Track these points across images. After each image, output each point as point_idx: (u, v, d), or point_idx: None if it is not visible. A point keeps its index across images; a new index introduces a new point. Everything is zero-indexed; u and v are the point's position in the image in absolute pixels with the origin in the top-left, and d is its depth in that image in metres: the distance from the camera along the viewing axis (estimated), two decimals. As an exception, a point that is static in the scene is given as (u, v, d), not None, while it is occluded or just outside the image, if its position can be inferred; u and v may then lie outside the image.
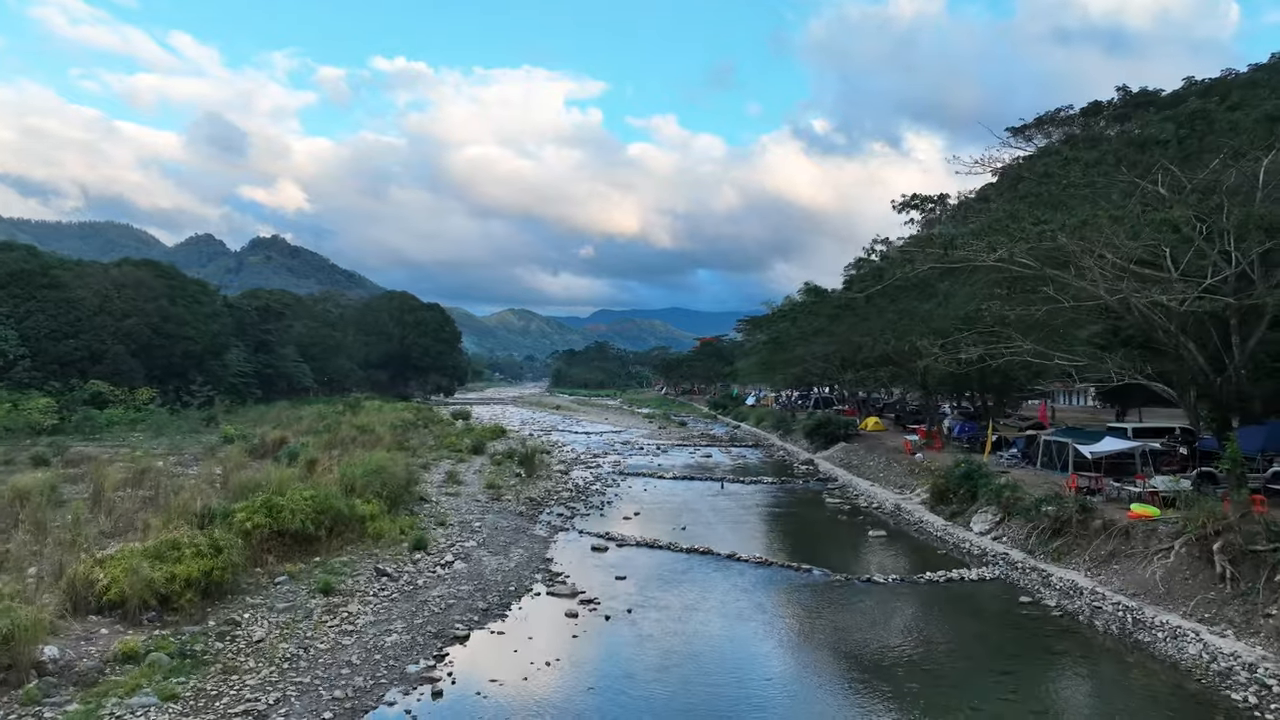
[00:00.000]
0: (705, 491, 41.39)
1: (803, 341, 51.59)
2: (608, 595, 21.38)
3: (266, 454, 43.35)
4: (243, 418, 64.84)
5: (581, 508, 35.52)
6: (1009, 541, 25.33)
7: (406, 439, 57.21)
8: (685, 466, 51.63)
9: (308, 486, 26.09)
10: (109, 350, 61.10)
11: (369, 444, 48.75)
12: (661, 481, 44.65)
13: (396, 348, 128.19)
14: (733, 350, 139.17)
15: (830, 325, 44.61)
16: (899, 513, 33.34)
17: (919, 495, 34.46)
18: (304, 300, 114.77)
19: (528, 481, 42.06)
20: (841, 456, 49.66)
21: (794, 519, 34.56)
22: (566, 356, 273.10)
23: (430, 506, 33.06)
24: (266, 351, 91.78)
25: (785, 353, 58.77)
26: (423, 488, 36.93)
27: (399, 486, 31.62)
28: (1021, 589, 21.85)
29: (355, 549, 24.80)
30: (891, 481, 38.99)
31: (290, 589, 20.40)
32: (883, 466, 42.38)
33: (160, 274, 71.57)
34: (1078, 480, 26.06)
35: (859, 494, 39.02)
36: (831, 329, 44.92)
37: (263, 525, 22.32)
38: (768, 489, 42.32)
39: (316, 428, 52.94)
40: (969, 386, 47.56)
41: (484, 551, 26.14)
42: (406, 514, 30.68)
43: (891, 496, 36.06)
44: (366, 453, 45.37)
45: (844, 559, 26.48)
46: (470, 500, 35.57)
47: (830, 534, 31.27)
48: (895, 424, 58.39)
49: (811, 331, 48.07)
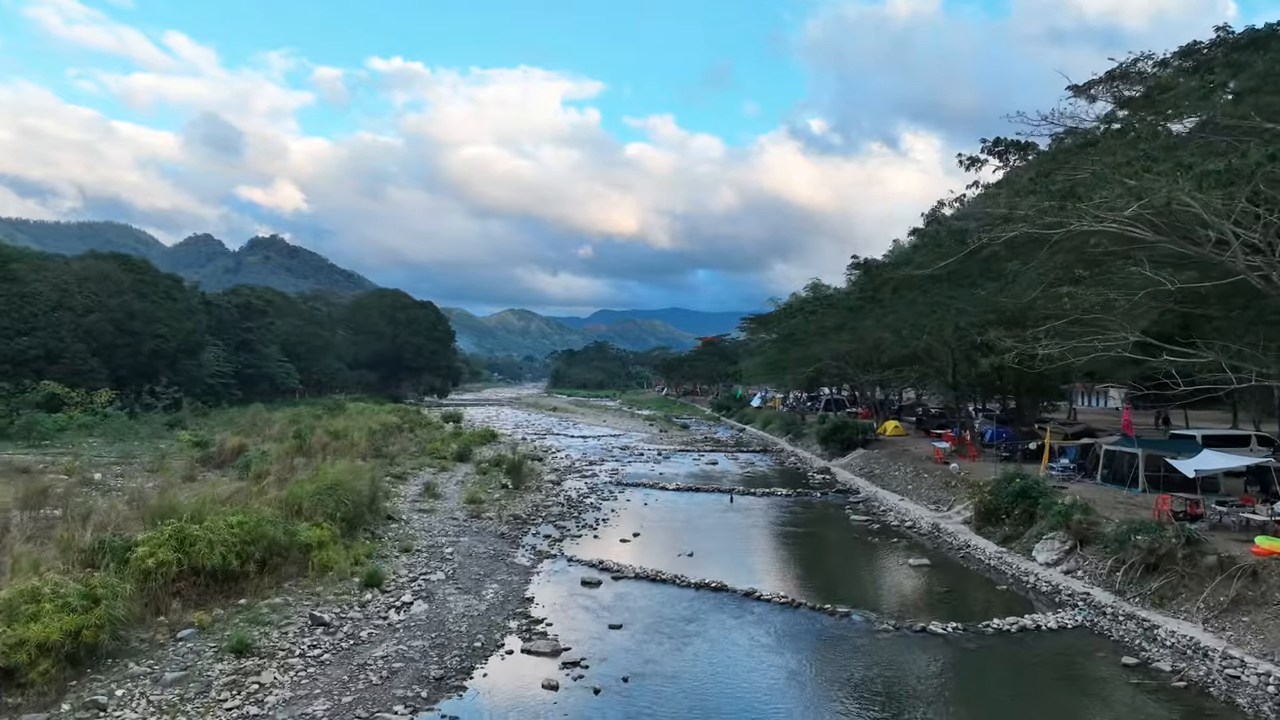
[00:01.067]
0: (713, 506, 36.96)
1: (819, 338, 47.06)
2: (598, 653, 16.96)
3: (224, 462, 39.07)
4: (212, 421, 60.41)
5: (573, 526, 31.09)
6: (1086, 577, 20.89)
7: (386, 445, 52.86)
8: (689, 475, 47.18)
9: (238, 509, 21.66)
10: (67, 348, 56.69)
11: (341, 451, 44.40)
12: (664, 494, 40.21)
13: (388, 347, 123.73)
14: (735, 350, 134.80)
15: (852, 319, 40.12)
16: (939, 534, 28.88)
17: (960, 513, 30.03)
18: (290, 298, 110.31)
19: (514, 494, 37.63)
20: (861, 465, 45.21)
21: (816, 541, 30.12)
22: (565, 357, 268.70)
23: (398, 528, 28.64)
24: (248, 351, 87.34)
25: (799, 350, 54.35)
26: (393, 504, 32.56)
27: (359, 505, 27.24)
28: (1119, 644, 17.42)
29: (294, 586, 20.39)
30: (924, 495, 34.54)
31: (193, 647, 15.99)
32: (911, 477, 37.92)
33: (128, 267, 67.14)
34: (1170, 502, 21.59)
35: (886, 509, 34.58)
36: (855, 323, 40.39)
37: (169, 562, 17.89)
38: (782, 502, 37.89)
39: (286, 433, 48.49)
40: (1002, 388, 43.13)
41: (452, 587, 21.71)
42: (367, 538, 26.29)
43: (927, 514, 31.62)
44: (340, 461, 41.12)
45: (884, 596, 22.05)
46: (446, 518, 31.16)
47: (862, 561, 26.83)
48: (916, 428, 53.98)
49: (832, 326, 43.53)
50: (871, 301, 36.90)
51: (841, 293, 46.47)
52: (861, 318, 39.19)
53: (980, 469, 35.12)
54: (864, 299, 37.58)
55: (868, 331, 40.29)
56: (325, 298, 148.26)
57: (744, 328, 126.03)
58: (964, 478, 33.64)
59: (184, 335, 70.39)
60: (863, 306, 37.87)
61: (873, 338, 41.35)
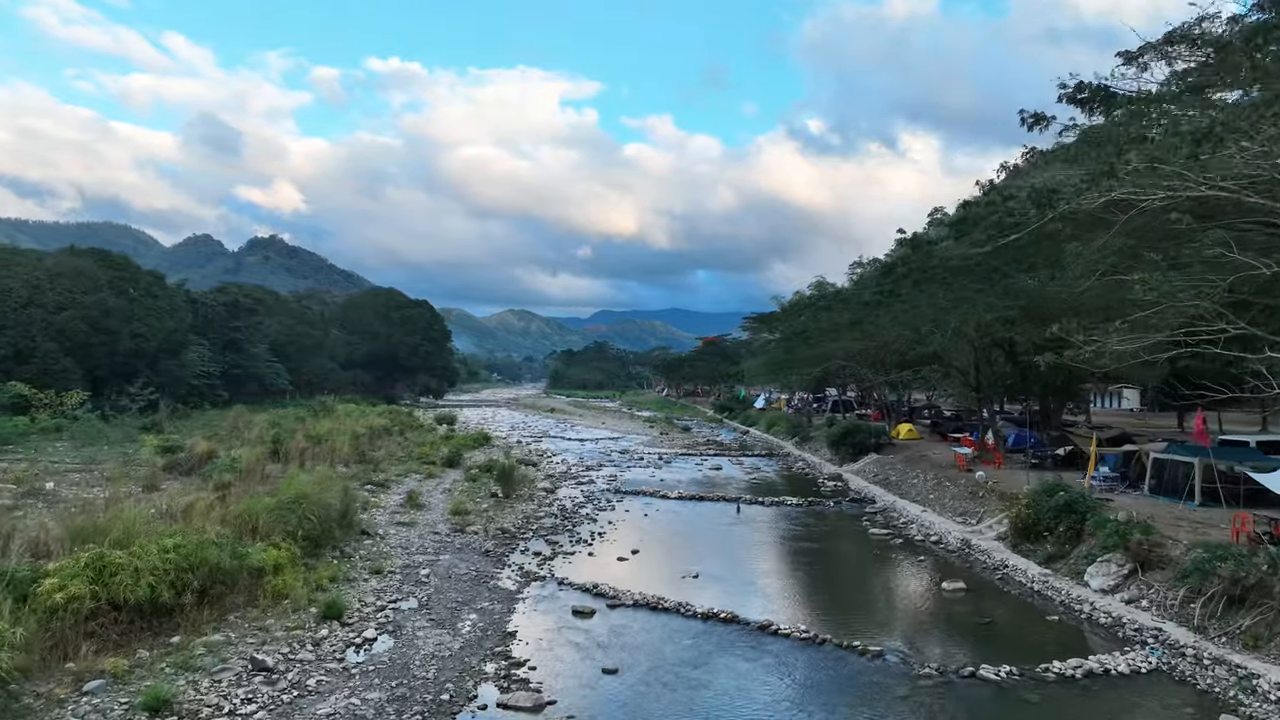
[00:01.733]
0: (718, 517, 34.20)
1: (831, 336, 44.20)
2: (589, 708, 14.21)
3: (192, 469, 36.30)
4: (191, 424, 57.68)
5: (566, 542, 28.30)
6: (1154, 608, 18.12)
7: (372, 449, 50.17)
8: (692, 482, 44.40)
9: (177, 529, 18.91)
10: (38, 348, 53.95)
11: (321, 457, 41.72)
12: (665, 503, 37.44)
13: (383, 347, 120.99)
14: (737, 349, 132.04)
15: (869, 316, 37.30)
16: (970, 552, 26.10)
17: (992, 528, 27.25)
18: (281, 297, 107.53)
19: (504, 504, 34.88)
20: (875, 471, 42.42)
21: (833, 558, 27.35)
22: (565, 357, 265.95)
23: (372, 544, 25.89)
24: (235, 350, 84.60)
25: (807, 349, 51.55)
26: (369, 516, 29.82)
27: (328, 520, 24.49)
28: (1209, 696, 14.66)
29: (240, 620, 17.64)
30: (948, 507, 31.75)
31: (99, 704, 13.25)
32: (932, 486, 35.14)
33: (105, 263, 64.40)
34: (1251, 523, 18.80)
35: (907, 521, 31.81)
36: (871, 319, 37.52)
37: (81, 596, 15.14)
38: (792, 513, 35.14)
39: (265, 436, 45.73)
40: (1025, 389, 40.35)
41: (424, 618, 18.95)
42: (335, 558, 23.56)
43: (954, 528, 28.84)
44: (318, 468, 38.42)
45: (919, 629, 19.28)
46: (427, 533, 28.41)
47: (887, 584, 24.06)
48: (931, 432, 51.24)
49: (846, 323, 40.65)
50: (889, 296, 34.14)
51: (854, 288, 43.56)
52: (878, 314, 36.38)
53: (1008, 477, 32.37)
54: (880, 293, 34.83)
55: (884, 329, 37.51)
56: (319, 297, 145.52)
57: (746, 327, 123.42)
58: (992, 487, 30.87)
59: (165, 334, 67.66)
60: (880, 301, 35.10)
61: (889, 335, 38.58)
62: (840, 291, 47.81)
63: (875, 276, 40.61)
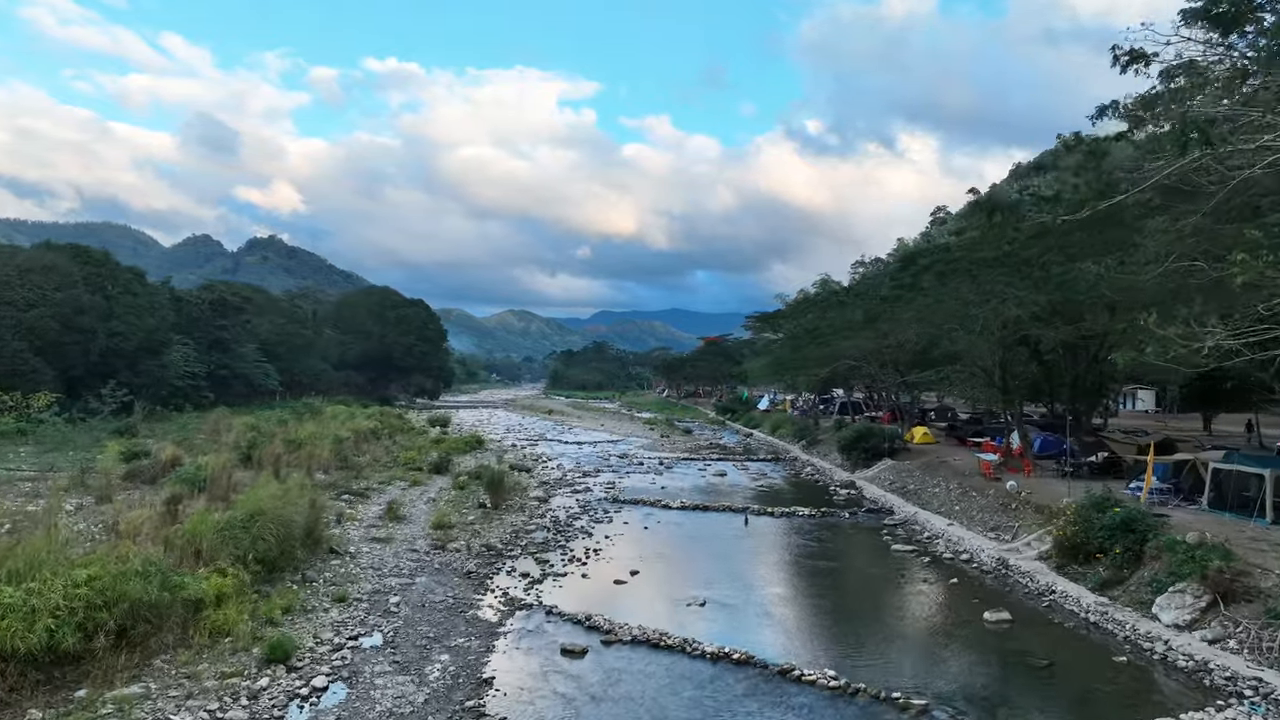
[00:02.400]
0: (724, 529, 31.45)
1: (845, 334, 41.30)
2: (576, 788, 11.46)
3: (156, 477, 33.59)
4: (168, 427, 55.00)
5: (557, 560, 25.55)
6: (1246, 652, 15.39)
7: (357, 453, 47.48)
8: (695, 490, 41.66)
9: (95, 557, 16.18)
10: (6, 346, 51.19)
11: (299, 462, 39.03)
12: (667, 514, 34.71)
13: (377, 347, 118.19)
14: (740, 349, 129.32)
15: (887, 310, 34.48)
16: (1008, 574, 23.35)
17: (1031, 546, 24.50)
18: (271, 295, 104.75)
19: (491, 516, 32.14)
20: (892, 478, 39.68)
21: (856, 580, 24.57)
22: (564, 357, 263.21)
23: (340, 565, 23.17)
24: (221, 350, 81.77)
25: (817, 348, 48.81)
26: (342, 531, 27.13)
27: (289, 539, 21.80)
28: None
29: (167, 665, 14.95)
30: (977, 520, 29.00)
31: (-42, 791, 10.50)
32: (957, 496, 32.40)
33: (81, 258, 61.65)
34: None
35: (932, 536, 29.07)
36: (892, 315, 34.68)
37: (-44, 646, 12.44)
38: (805, 525, 32.41)
39: (243, 440, 42.99)
40: (1054, 389, 37.61)
41: (387, 660, 16.22)
42: (295, 583, 20.84)
43: (986, 544, 26.09)
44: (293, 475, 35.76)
45: (966, 674, 16.51)
46: (404, 550, 25.69)
47: (921, 614, 21.30)
48: (947, 435, 48.49)
49: (863, 320, 37.77)
50: (909, 290, 31.40)
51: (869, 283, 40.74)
52: (896, 309, 33.57)
53: (1041, 487, 29.65)
54: (900, 287, 32.08)
55: (903, 325, 34.75)
56: (313, 296, 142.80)
57: (749, 326, 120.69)
58: (1026, 499, 28.12)
59: (145, 333, 64.88)
60: (899, 296, 32.34)
61: (907, 333, 35.83)
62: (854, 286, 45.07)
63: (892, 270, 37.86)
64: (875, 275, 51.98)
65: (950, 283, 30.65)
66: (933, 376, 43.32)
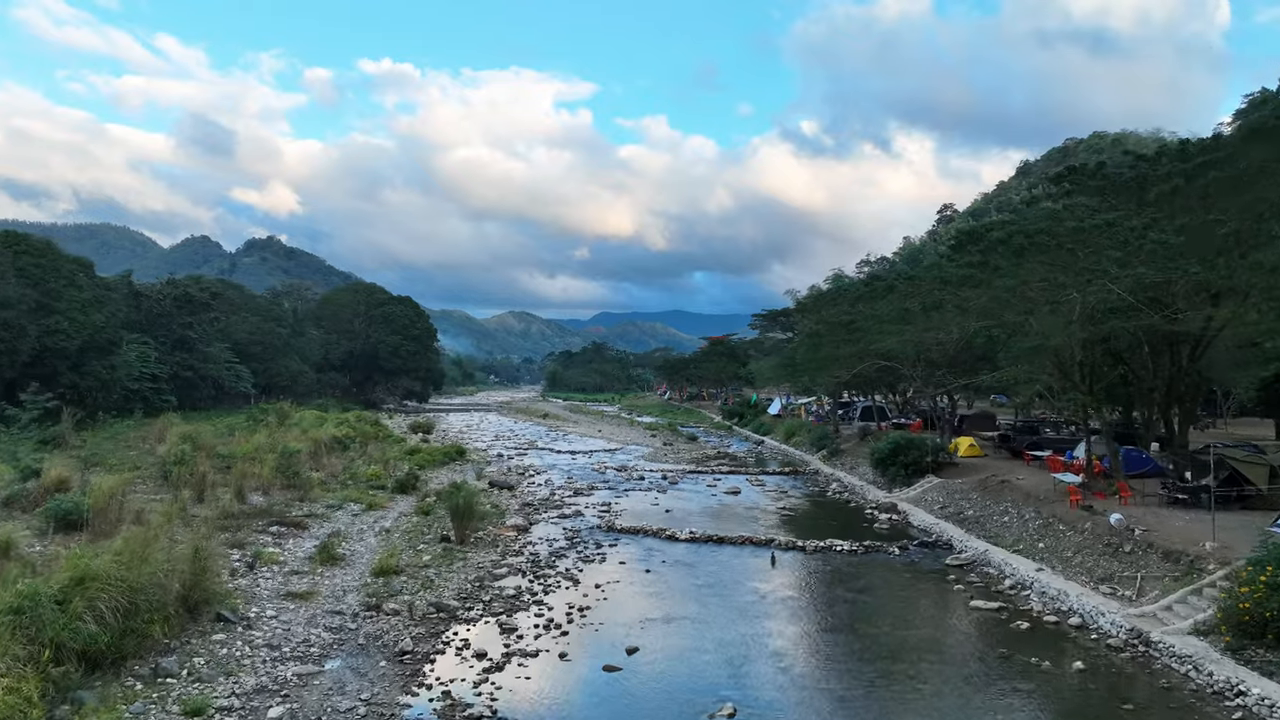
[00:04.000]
0: (746, 572, 24.93)
1: (893, 327, 34.46)
2: None
3: (36, 504, 27.04)
4: (103, 435, 48.48)
5: (529, 625, 19.05)
6: None
7: (316, 467, 41.01)
8: (705, 514, 35.19)
9: None
10: (-83, 345, 44.77)
11: (233, 482, 32.60)
12: (673, 548, 28.21)
13: (361, 347, 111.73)
14: (745, 349, 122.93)
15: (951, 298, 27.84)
16: (1152, 655, 16.82)
17: (1174, 610, 17.96)
18: (246, 291, 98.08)
19: (454, 555, 25.64)
20: (942, 501, 33.16)
21: (935, 662, 17.92)
22: (562, 358, 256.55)
23: (222, 643, 16.65)
24: (186, 350, 75.32)
25: (849, 346, 42.35)
26: (250, 583, 20.70)
27: (140, 612, 15.32)
28: None
29: None
30: (1075, 565, 22.44)
31: None
32: (1038, 530, 25.86)
33: (14, 246, 55.16)
34: None
35: (1017, 585, 22.55)
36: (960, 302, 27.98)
37: None
38: (847, 564, 25.95)
39: (174, 454, 36.51)
40: (1141, 393, 31.08)
41: None
42: (138, 680, 14.37)
43: (1101, 603, 19.55)
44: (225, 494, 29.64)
45: None
46: (325, 612, 19.22)
47: None
48: (998, 447, 41.98)
49: (922, 308, 30.88)
50: (984, 270, 24.94)
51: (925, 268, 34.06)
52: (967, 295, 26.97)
53: (1154, 521, 23.14)
54: (971, 266, 25.59)
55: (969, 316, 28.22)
56: (298, 293, 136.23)
57: (756, 325, 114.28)
58: (1143, 539, 21.59)
59: (91, 329, 58.41)
60: (970, 278, 25.82)
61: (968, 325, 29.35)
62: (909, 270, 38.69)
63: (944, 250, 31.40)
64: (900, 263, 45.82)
65: (1028, 261, 24.16)
66: (989, 379, 36.68)
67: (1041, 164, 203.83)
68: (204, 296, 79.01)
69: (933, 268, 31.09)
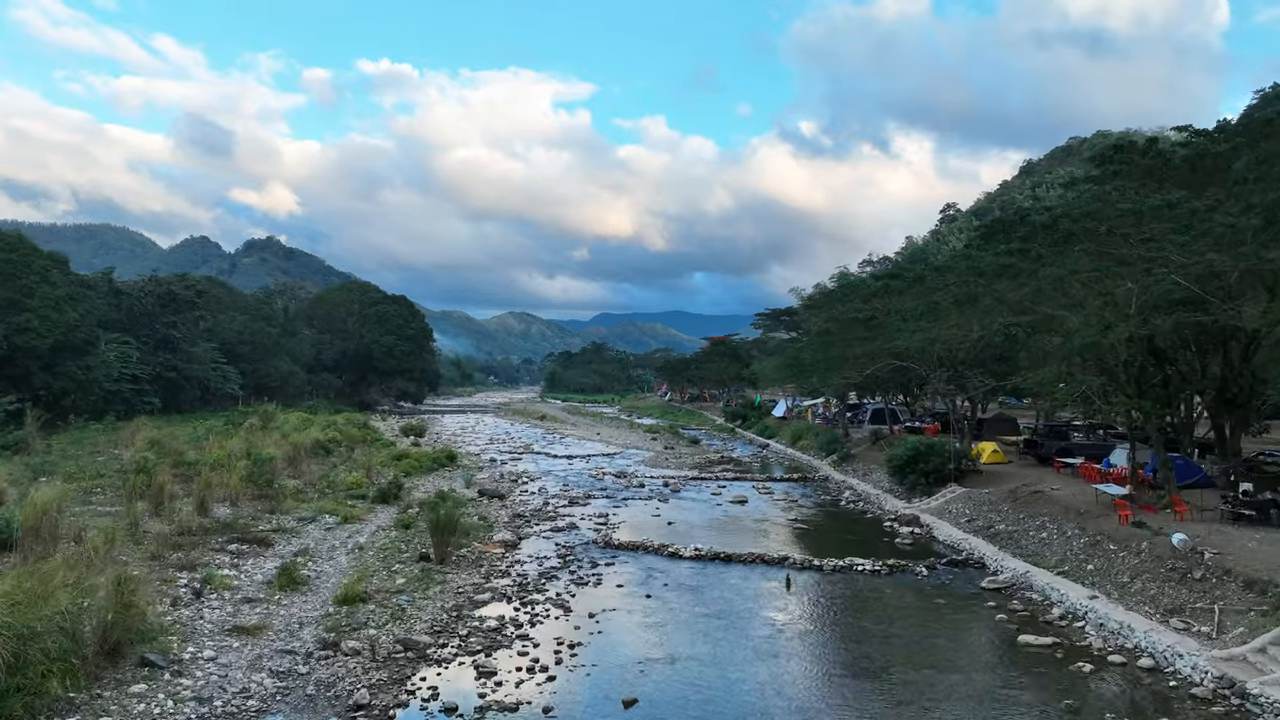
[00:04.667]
0: (758, 597, 22.24)
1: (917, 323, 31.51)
2: None
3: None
4: (70, 439, 45.86)
5: (509, 670, 16.36)
6: None
7: (294, 473, 38.45)
8: (711, 526, 32.53)
9: None
10: None
11: (193, 492, 29.96)
12: (676, 567, 25.51)
13: (355, 347, 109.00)
14: (748, 349, 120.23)
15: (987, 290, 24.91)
16: (1250, 709, 14.15)
17: (1269, 654, 15.25)
18: (234, 290, 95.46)
19: (432, 577, 22.95)
20: (968, 513, 30.47)
21: (986, 710, 15.23)
22: (562, 359, 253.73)
23: (141, 696, 13.98)
24: (170, 350, 72.67)
25: (863, 345, 39.60)
26: (191, 615, 18.06)
27: (35, 663, 12.66)
28: None
29: None
30: (1134, 592, 19.73)
31: None
32: (1084, 549, 23.17)
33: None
34: None
35: (1068, 615, 19.85)
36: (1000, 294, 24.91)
37: None
38: (869, 586, 23.29)
39: (137, 461, 33.83)
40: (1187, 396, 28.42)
41: None
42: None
43: (1175, 641, 16.82)
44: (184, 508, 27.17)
45: None
46: (274, 651, 16.55)
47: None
48: (1022, 453, 39.31)
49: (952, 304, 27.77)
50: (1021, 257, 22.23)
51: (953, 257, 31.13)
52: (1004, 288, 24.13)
53: (1222, 541, 20.44)
54: (1011, 254, 22.84)
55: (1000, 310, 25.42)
56: (291, 292, 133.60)
57: (759, 325, 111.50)
58: (1214, 562, 18.91)
59: (65, 328, 55.78)
60: (1010, 268, 23.04)
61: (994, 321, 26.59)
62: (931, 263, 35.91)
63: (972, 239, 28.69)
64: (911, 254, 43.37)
65: (1075, 249, 21.47)
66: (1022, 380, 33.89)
67: (1045, 163, 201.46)
68: (189, 295, 76.35)
69: (963, 258, 28.17)
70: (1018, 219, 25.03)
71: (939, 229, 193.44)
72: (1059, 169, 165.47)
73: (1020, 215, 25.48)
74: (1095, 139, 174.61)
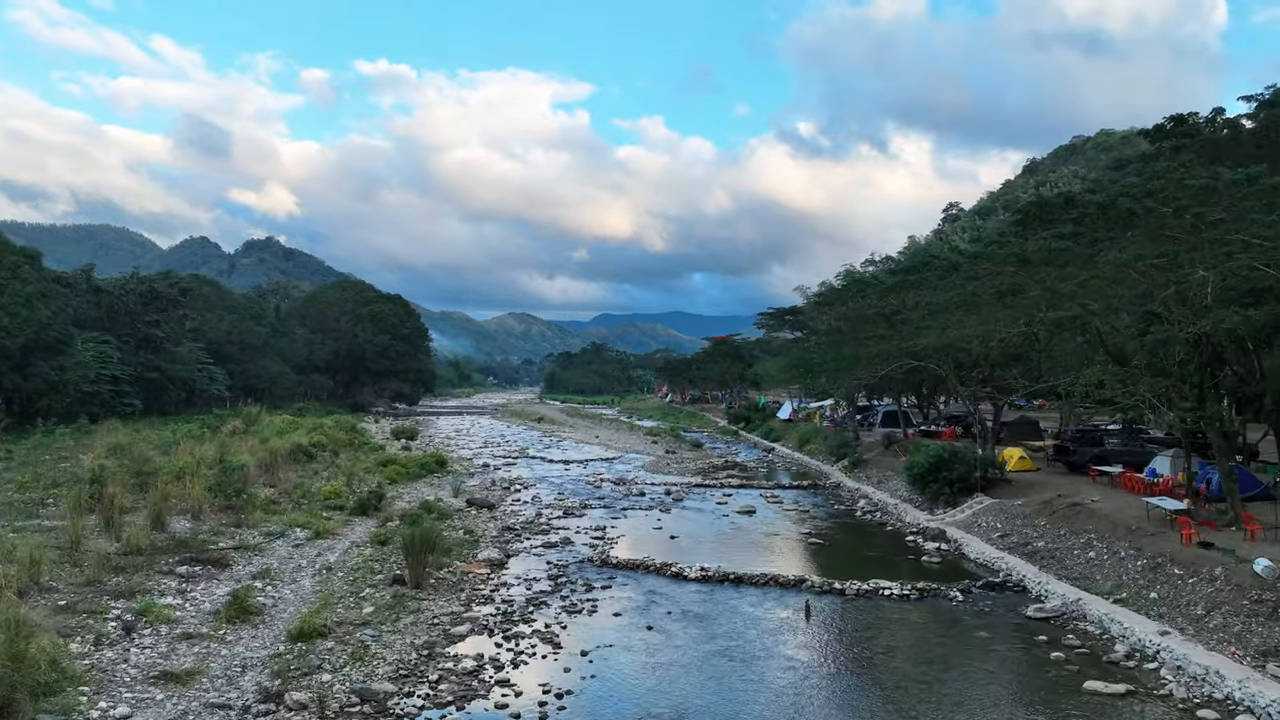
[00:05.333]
0: (774, 629, 19.55)
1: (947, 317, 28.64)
2: None
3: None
4: (33, 445, 43.17)
5: (486, 727, 13.70)
6: None
7: (270, 481, 35.84)
8: (717, 540, 29.88)
9: None
10: None
11: (155, 504, 27.27)
12: (681, 591, 22.82)
13: (348, 347, 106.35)
14: (751, 349, 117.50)
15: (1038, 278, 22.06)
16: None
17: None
18: (222, 288, 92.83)
19: (405, 603, 20.27)
20: (999, 527, 27.78)
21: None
22: (561, 359, 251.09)
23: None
24: (153, 350, 69.96)
25: (880, 344, 36.89)
26: (114, 656, 15.40)
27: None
28: None
29: None
30: (1212, 628, 17.05)
31: None
32: (1142, 572, 20.49)
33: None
34: None
35: (1136, 654, 17.15)
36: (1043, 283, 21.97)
37: None
38: (897, 614, 20.64)
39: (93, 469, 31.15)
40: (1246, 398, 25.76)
41: None
42: None
43: (1273, 692, 14.14)
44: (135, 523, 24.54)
45: None
46: (207, 705, 13.89)
47: None
48: (1051, 460, 36.63)
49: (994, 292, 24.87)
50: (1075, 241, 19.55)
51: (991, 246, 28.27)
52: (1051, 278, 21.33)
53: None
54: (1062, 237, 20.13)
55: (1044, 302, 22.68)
56: (284, 290, 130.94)
57: (762, 324, 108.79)
58: (1309, 595, 16.21)
59: (37, 327, 53.15)
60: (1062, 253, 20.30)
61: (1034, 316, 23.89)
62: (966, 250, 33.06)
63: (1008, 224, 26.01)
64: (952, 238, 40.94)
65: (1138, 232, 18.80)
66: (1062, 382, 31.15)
67: (1049, 161, 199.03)
68: (172, 293, 73.64)
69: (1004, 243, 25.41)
70: (1062, 201, 22.38)
71: (941, 228, 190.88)
72: (1063, 167, 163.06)
73: (1065, 197, 22.82)
74: (1099, 137, 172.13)
